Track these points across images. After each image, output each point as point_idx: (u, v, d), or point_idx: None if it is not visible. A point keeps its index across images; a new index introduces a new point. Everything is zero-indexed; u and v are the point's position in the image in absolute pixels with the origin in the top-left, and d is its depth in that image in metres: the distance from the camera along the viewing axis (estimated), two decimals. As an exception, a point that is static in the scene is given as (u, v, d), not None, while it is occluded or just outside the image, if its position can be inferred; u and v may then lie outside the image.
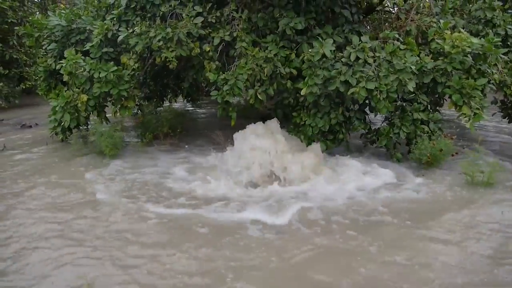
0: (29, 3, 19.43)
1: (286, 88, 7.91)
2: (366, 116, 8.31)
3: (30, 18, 13.28)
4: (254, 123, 7.98)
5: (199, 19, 8.03)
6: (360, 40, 7.38)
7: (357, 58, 7.18)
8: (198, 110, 14.44)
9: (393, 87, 6.88)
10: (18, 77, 17.95)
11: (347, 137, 8.18)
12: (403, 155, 8.04)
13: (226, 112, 7.98)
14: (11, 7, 16.47)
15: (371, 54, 7.20)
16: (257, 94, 7.60)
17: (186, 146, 8.99)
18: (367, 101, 7.99)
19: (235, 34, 8.03)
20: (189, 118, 11.38)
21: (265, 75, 7.57)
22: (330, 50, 7.20)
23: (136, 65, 8.47)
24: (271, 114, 9.23)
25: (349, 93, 6.97)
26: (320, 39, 7.45)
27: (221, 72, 7.86)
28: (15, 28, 15.94)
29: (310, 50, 7.44)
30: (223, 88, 7.60)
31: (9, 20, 16.51)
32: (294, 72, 7.79)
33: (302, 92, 7.40)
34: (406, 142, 8.14)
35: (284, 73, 7.72)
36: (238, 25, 8.15)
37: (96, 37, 8.69)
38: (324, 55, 7.24)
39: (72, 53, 8.55)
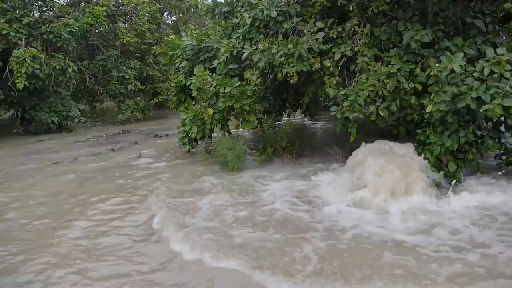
0: (164, 25, 21.44)
1: (410, 104, 7.55)
2: (502, 135, 7.55)
3: (165, 39, 14.63)
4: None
5: (320, 35, 8.11)
6: (495, 52, 6.76)
7: (492, 72, 6.56)
8: (316, 124, 14.48)
9: (535, 104, 6.16)
10: (152, 92, 19.83)
11: (478, 157, 7.50)
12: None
13: (345, 128, 7.87)
14: (149, 29, 18.32)
15: (508, 67, 6.55)
16: (379, 110, 7.37)
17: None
18: (502, 118, 7.27)
19: (356, 49, 7.93)
20: (308, 133, 11.45)
21: (387, 90, 7.30)
22: (460, 65, 6.71)
23: (258, 80, 8.82)
24: (392, 131, 8.89)
25: (481, 110, 6.40)
26: (448, 52, 7.00)
27: (341, 88, 7.80)
28: (152, 48, 17.76)
29: (437, 65, 7.01)
30: (343, 104, 7.51)
31: (147, 41, 18.39)
32: (419, 87, 7.41)
33: (428, 110, 6.97)
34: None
35: (408, 88, 7.38)
36: (359, 39, 8.04)
37: (223, 54, 9.25)
38: (452, 70, 6.77)
39: (201, 70, 9.21)
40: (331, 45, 8.18)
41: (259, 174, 8.47)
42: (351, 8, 8.02)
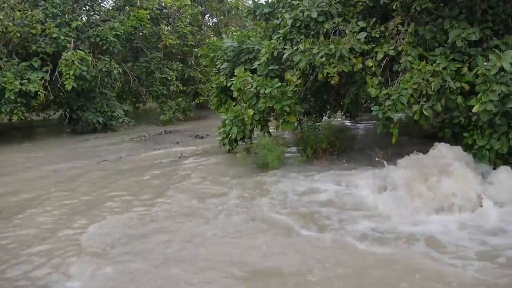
0: (205, 27, 21.77)
1: (456, 105, 7.30)
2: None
3: (206, 41, 14.86)
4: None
5: (362, 35, 8.00)
6: (548, 50, 6.46)
7: (545, 71, 6.29)
8: (357, 126, 14.28)
9: None
10: (194, 93, 20.17)
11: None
12: None
13: (387, 128, 7.72)
14: (191, 31, 18.65)
15: None
16: (423, 110, 7.18)
17: (346, 164, 8.88)
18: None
19: (400, 48, 7.77)
20: (348, 134, 11.31)
21: (432, 89, 7.10)
22: (510, 63, 6.45)
23: (299, 81, 8.78)
24: (436, 133, 8.63)
25: (533, 111, 6.14)
26: (497, 50, 6.73)
27: (383, 88, 7.66)
28: (194, 50, 18.09)
29: (485, 63, 6.76)
30: (385, 104, 7.38)
31: (189, 43, 18.74)
32: (466, 87, 7.15)
33: (474, 109, 6.74)
34: None
35: (454, 88, 7.14)
36: (403, 38, 7.87)
37: (264, 55, 9.29)
38: (502, 69, 6.51)
39: (242, 71, 9.29)
40: (374, 45, 8.05)
41: (296, 175, 8.36)
42: (394, 7, 7.86)
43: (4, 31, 13.41)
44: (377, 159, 8.21)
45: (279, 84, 8.72)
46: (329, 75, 7.85)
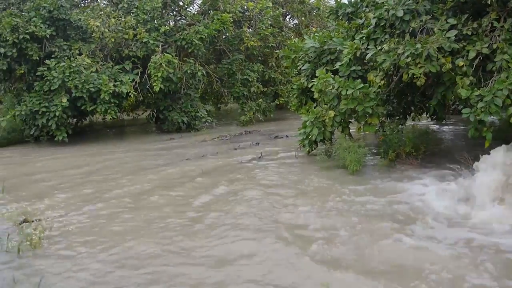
0: (286, 28, 21.89)
1: (560, 107, 6.69)
2: None
3: (287, 42, 14.94)
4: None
5: (453, 32, 7.58)
6: None
7: None
8: (444, 129, 13.54)
9: None
10: (273, 94, 20.35)
11: None
12: None
13: (479, 132, 7.25)
14: (272, 33, 18.86)
15: None
16: (520, 112, 6.66)
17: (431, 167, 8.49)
18: None
19: (494, 46, 7.27)
20: (434, 138, 10.74)
21: (532, 91, 6.58)
22: None
23: (382, 82, 8.53)
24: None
25: None
26: None
27: (475, 89, 7.20)
28: (275, 51, 18.26)
29: None
30: (477, 106, 6.94)
31: (270, 45, 18.98)
32: None
33: None
34: None
35: (558, 88, 6.55)
36: (499, 36, 7.36)
37: (346, 56, 9.16)
38: None
39: (323, 72, 9.21)
40: (465, 43, 7.60)
41: (377, 179, 8.15)
42: (488, 2, 7.37)
43: (101, 37, 14.50)
44: (467, 167, 7.71)
45: (362, 85, 8.55)
46: (414, 76, 7.54)
